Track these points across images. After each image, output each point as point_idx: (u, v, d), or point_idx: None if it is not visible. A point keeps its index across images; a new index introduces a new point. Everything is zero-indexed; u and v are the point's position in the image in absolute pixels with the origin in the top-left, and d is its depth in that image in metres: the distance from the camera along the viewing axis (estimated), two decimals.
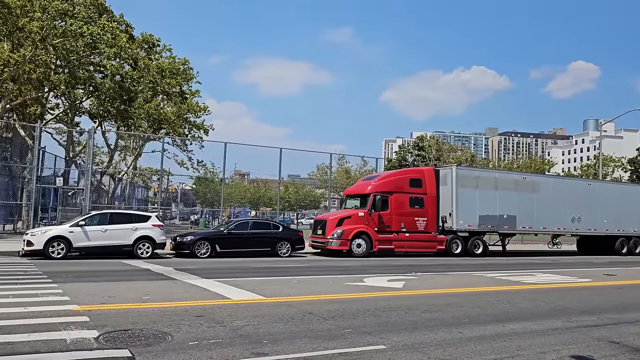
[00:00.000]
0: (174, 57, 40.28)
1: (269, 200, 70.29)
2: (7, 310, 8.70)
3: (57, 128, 39.64)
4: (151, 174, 56.17)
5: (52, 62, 30.90)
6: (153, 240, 19.48)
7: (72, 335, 7.30)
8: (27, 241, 17.92)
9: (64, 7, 28.12)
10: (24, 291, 10.76)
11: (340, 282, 14.11)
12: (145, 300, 10.20)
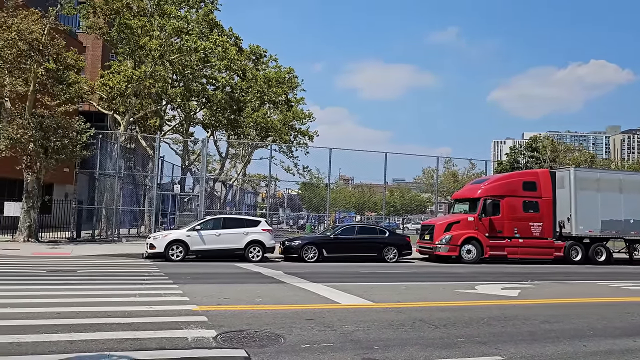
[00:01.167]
0: (280, 66, 41.50)
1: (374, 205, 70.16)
2: (135, 309, 9.34)
3: (173, 138, 42.26)
4: (259, 180, 58.20)
5: (169, 76, 33.03)
6: (263, 244, 20.10)
7: (192, 334, 7.67)
8: (150, 244, 19.22)
9: (180, 25, 29.97)
10: (148, 291, 11.51)
11: (450, 289, 13.69)
12: (258, 303, 10.50)
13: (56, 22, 24.93)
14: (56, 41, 23.74)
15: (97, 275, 14.04)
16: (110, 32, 30.91)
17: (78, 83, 25.90)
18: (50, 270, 14.66)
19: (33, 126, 22.67)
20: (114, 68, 29.86)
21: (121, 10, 29.66)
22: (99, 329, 7.76)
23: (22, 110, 23.34)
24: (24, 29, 22.15)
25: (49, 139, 23.05)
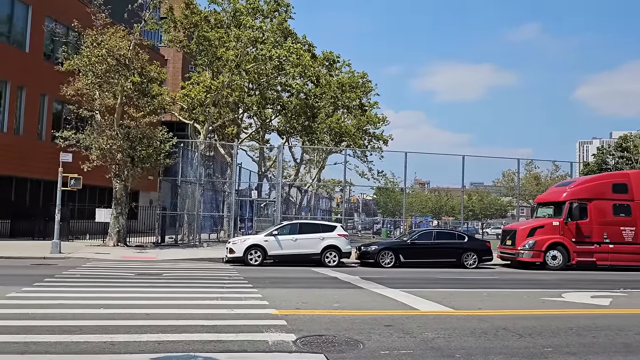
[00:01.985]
0: (353, 71, 41.59)
1: (451, 210, 68.65)
2: (217, 312, 9.61)
3: (250, 145, 43.32)
4: (334, 185, 58.48)
5: (245, 85, 33.95)
6: (339, 249, 20.15)
7: (272, 337, 7.78)
8: (230, 249, 19.76)
9: (255, 35, 30.77)
10: (229, 294, 11.82)
11: (535, 297, 13.11)
12: (336, 308, 10.51)
13: (140, 38, 26.26)
14: (141, 56, 25.01)
15: (181, 278, 14.58)
16: (189, 44, 32.19)
17: (161, 95, 27.12)
18: (138, 273, 15.38)
19: (121, 137, 23.97)
20: (194, 79, 31.05)
21: (200, 24, 30.83)
22: (185, 330, 8.04)
23: (111, 122, 24.73)
24: (113, 45, 23.50)
25: (135, 148, 24.27)
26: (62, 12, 31.39)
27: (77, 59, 24.03)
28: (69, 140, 24.06)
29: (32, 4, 30.07)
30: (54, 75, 27.07)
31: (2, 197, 28.75)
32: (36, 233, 27.23)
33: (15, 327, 7.84)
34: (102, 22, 24.61)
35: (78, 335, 7.48)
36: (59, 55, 29.39)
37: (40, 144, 30.77)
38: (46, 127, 31.65)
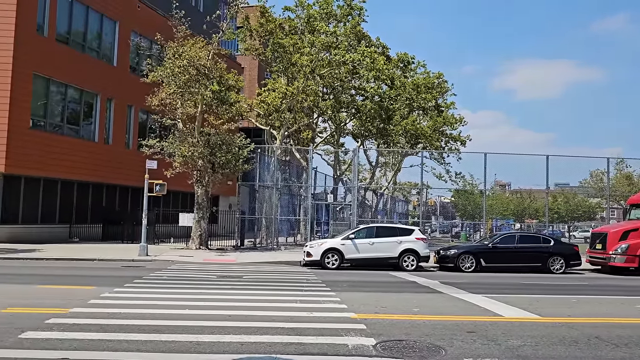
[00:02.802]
0: (428, 72, 40.96)
1: (535, 212, 65.87)
2: (297, 314, 9.71)
3: (325, 149, 43.61)
4: (410, 188, 57.72)
5: (320, 90, 34.25)
6: (417, 253, 19.82)
7: (352, 341, 7.75)
8: (307, 252, 19.95)
9: (329, 40, 31.00)
10: (308, 297, 11.91)
11: (630, 304, 12.29)
12: (416, 312, 10.33)
13: (219, 48, 27.14)
14: (219, 65, 25.84)
15: (261, 281, 14.87)
16: (265, 52, 32.92)
17: (239, 102, 27.88)
18: (219, 276, 15.84)
19: (201, 144, 24.85)
20: (270, 86, 31.69)
21: (274, 31, 31.46)
22: (266, 332, 8.17)
23: (192, 130, 25.70)
24: (193, 56, 24.44)
25: (215, 155, 25.07)
26: (146, 27, 33.04)
27: (161, 70, 25.17)
28: (153, 148, 25.21)
29: (119, 20, 31.86)
30: (139, 86, 28.50)
31: (94, 203, 30.60)
32: (125, 236, 28.74)
33: (110, 326, 8.28)
34: (183, 34, 25.63)
35: (166, 335, 7.78)
36: (144, 67, 30.93)
37: (127, 153, 32.50)
38: (133, 136, 33.40)
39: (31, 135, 25.88)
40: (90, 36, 30.50)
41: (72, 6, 28.91)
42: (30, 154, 25.58)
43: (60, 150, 27.40)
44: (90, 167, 29.41)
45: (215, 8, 28.99)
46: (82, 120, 30.12)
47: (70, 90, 28.95)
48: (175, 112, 26.00)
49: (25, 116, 25.65)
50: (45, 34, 26.99)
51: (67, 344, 7.13)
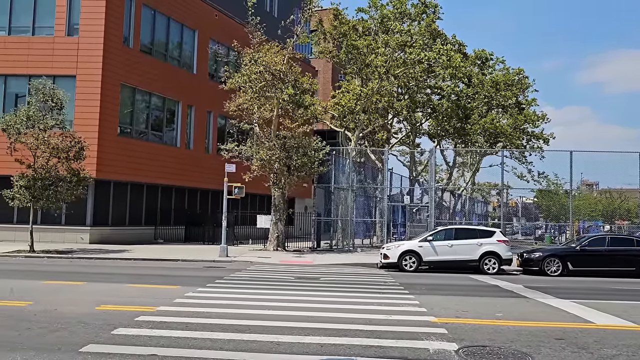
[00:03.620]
0: (508, 68, 39.56)
1: (627, 213, 61.96)
2: (375, 317, 9.61)
3: (400, 150, 43.17)
4: (489, 188, 55.96)
5: (394, 90, 33.91)
6: (499, 255, 19.13)
7: (433, 345, 7.56)
8: (384, 254, 19.76)
9: (403, 39, 30.64)
10: (386, 300, 11.77)
11: None
12: (499, 318, 9.95)
13: (293, 52, 27.51)
14: (294, 69, 26.18)
15: (338, 283, 14.87)
16: (338, 54, 33.00)
17: (313, 105, 28.12)
18: (297, 277, 16.01)
19: (278, 147, 25.26)
20: (344, 87, 31.74)
21: (348, 33, 31.47)
22: (345, 334, 8.14)
23: (269, 133, 26.18)
24: (269, 61, 24.91)
25: (291, 158, 25.41)
26: (223, 34, 34.07)
27: (238, 76, 25.83)
28: (232, 152, 25.90)
29: (198, 29, 33.05)
30: (218, 93, 29.39)
31: (177, 206, 31.88)
32: (206, 238, 29.72)
33: (194, 324, 8.55)
34: (259, 40, 26.18)
35: (247, 334, 7.93)
36: (222, 74, 31.89)
37: (207, 157, 33.64)
38: (212, 141, 34.53)
39: (119, 141, 27.35)
40: (171, 46, 31.84)
41: (155, 18, 30.30)
42: (118, 159, 27.03)
43: (145, 155, 28.77)
44: (173, 172, 30.67)
45: (289, 13, 29.36)
46: (165, 127, 31.49)
47: (154, 98, 30.35)
48: (252, 116, 26.60)
49: (113, 124, 27.14)
50: (130, 46, 28.44)
51: (155, 341, 7.42)
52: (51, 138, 21.26)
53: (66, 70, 26.39)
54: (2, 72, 26.91)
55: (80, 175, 21.94)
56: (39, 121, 21.29)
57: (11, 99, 26.96)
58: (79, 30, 26.74)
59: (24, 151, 21.17)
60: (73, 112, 25.65)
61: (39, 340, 7.30)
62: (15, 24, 27.45)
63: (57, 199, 21.51)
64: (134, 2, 28.53)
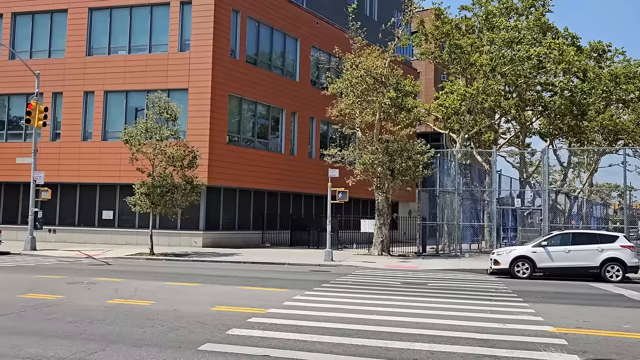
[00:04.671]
0: (629, 59, 36.58)
1: None
2: (487, 325, 9.20)
3: (509, 151, 41.33)
4: (610, 190, 52.00)
5: (501, 89, 32.55)
6: (623, 262, 17.64)
7: (553, 357, 7.11)
8: (494, 260, 18.94)
9: (510, 35, 29.35)
10: (498, 308, 11.26)
11: None
12: (626, 330, 9.15)
13: (394, 55, 27.29)
14: (395, 72, 25.95)
15: (446, 289, 14.46)
16: (441, 55, 32.29)
17: (416, 107, 27.69)
18: (403, 282, 15.78)
19: (380, 151, 25.13)
20: (447, 88, 30.97)
21: (451, 32, 30.70)
22: (456, 342, 7.87)
23: (371, 137, 26.13)
24: (370, 65, 24.88)
25: (394, 161, 25.18)
26: (325, 41, 34.58)
27: (339, 82, 26.05)
28: (335, 157, 26.14)
29: (300, 37, 33.80)
30: (320, 99, 29.88)
31: (283, 211, 32.73)
32: (311, 242, 30.21)
33: (303, 327, 8.67)
34: (359, 44, 26.24)
35: (356, 339, 7.90)
36: (323, 80, 32.33)
37: (310, 162, 34.23)
38: (315, 146, 35.10)
39: (227, 149, 28.59)
40: (274, 55, 32.83)
41: (259, 29, 31.41)
42: (227, 167, 28.26)
43: (252, 162, 29.84)
44: (278, 178, 31.54)
45: (389, 16, 29.20)
46: (270, 134, 32.48)
47: (259, 107, 31.43)
48: (354, 121, 26.70)
49: (222, 133, 28.43)
50: (237, 57, 29.68)
51: (267, 342, 7.61)
52: (167, 148, 22.70)
53: (179, 84, 28.07)
54: (123, 89, 29.16)
55: (194, 183, 23.18)
56: (156, 132, 22.80)
57: (131, 113, 29.10)
58: (190, 46, 28.34)
59: (143, 161, 22.77)
60: (186, 123, 27.19)
61: (161, 338, 7.75)
62: (134, 44, 29.64)
63: (173, 205, 22.87)
64: (240, 15, 29.76)
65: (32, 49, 31.04)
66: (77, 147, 29.27)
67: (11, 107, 31.36)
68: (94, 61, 29.67)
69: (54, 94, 29.95)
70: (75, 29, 30.06)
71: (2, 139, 31.13)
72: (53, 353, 6.83)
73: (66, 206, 29.64)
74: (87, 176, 28.90)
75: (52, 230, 28.87)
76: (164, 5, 28.91)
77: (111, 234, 28.55)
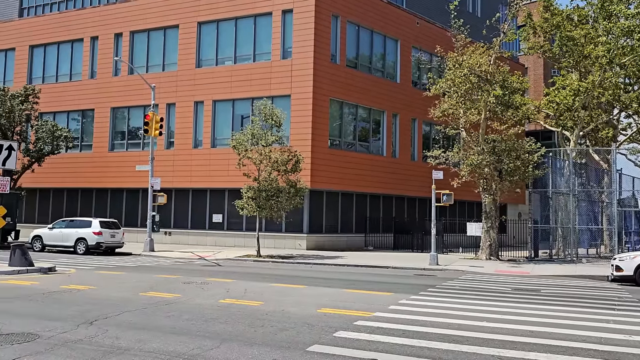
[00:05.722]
0: None
1: None
2: (611, 336, 8.52)
3: (630, 149, 38.18)
4: None
5: (620, 82, 30.15)
6: None
7: None
8: (616, 266, 17.51)
9: (630, 23, 27.07)
10: (621, 317, 10.39)
11: None
12: None
13: (500, 51, 26.18)
14: (501, 68, 24.89)
15: (562, 296, 13.59)
16: (551, 48, 30.50)
17: (525, 105, 26.38)
18: (514, 288, 15.04)
19: (487, 151, 24.20)
20: (559, 83, 29.20)
21: (561, 24, 28.88)
22: (575, 352, 7.38)
23: (476, 137, 25.25)
24: (474, 63, 24.06)
25: (502, 162, 24.15)
26: (426, 41, 34.00)
27: (442, 82, 25.44)
28: (438, 158, 25.56)
29: (400, 38, 33.48)
30: (421, 100, 29.43)
31: (385, 214, 32.51)
32: (415, 246, 29.74)
33: (410, 332, 8.51)
34: (462, 42, 25.49)
35: (466, 346, 7.62)
36: (425, 81, 31.77)
37: (413, 165, 33.75)
38: (417, 148, 34.59)
39: (329, 153, 28.92)
40: (374, 58, 32.76)
41: (359, 32, 31.51)
42: (329, 170, 28.58)
43: (353, 165, 29.96)
44: (380, 180, 31.40)
45: (494, 11, 28.14)
46: (371, 137, 32.43)
47: (360, 110, 31.51)
48: (458, 121, 25.97)
49: (324, 137, 28.80)
50: (337, 62, 29.96)
51: (374, 346, 7.54)
52: (272, 153, 23.39)
53: (282, 91, 28.85)
54: (230, 97, 30.47)
55: (297, 186, 23.68)
56: (261, 138, 23.57)
57: (237, 120, 30.34)
58: (292, 53, 29.04)
59: (250, 166, 23.63)
60: (289, 128, 27.86)
61: (271, 338, 7.95)
62: (239, 54, 30.92)
63: (278, 209, 23.49)
64: (339, 20, 30.04)
65: (148, 64, 33.35)
66: (188, 154, 31.01)
67: (130, 118, 33.87)
68: (203, 72, 31.29)
69: (168, 105, 31.95)
70: (185, 43, 31.91)
71: (124, 148, 33.70)
72: (173, 348, 7.22)
73: (180, 210, 31.45)
74: (198, 181, 30.50)
75: (167, 233, 30.77)
76: (267, 15, 29.88)
77: (220, 236, 29.90)
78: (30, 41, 37.00)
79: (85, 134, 35.09)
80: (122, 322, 8.88)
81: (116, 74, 34.12)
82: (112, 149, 33.85)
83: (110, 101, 33.81)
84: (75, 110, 35.31)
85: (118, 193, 33.35)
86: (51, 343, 7.38)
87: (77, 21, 35.52)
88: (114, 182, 32.85)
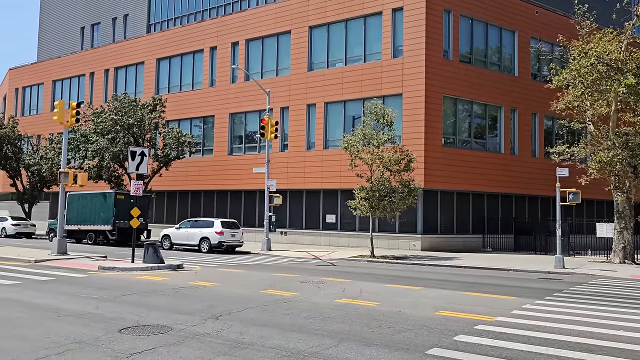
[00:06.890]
0: None
1: None
2: None
3: None
4: None
5: None
6: None
7: None
8: None
9: None
10: None
11: None
12: None
13: (633, 36, 24.01)
14: (634, 55, 22.82)
15: None
16: None
17: None
18: None
19: (619, 146, 22.30)
20: None
21: None
22: None
23: (606, 131, 23.37)
24: (601, 51, 22.29)
25: (636, 157, 22.14)
26: (546, 30, 32.03)
27: (565, 72, 23.81)
28: (563, 154, 24.01)
29: (517, 29, 31.84)
30: (542, 93, 27.78)
31: (504, 214, 31.04)
32: (537, 247, 28.10)
33: (536, 338, 8.01)
34: (588, 29, 23.73)
35: (600, 356, 7.05)
36: (546, 73, 29.91)
37: (534, 161, 31.93)
38: (539, 144, 32.67)
39: (443, 152, 28.18)
40: (490, 51, 31.44)
41: (472, 26, 30.42)
42: (443, 169, 27.85)
43: (469, 164, 28.95)
44: (498, 179, 30.06)
45: None
46: (488, 133, 31.13)
47: (475, 106, 30.39)
48: (584, 114, 24.24)
49: (437, 135, 28.13)
50: (450, 58, 29.14)
51: (497, 352, 7.19)
52: (383, 153, 23.24)
53: (393, 90, 28.59)
54: (341, 99, 30.76)
55: (411, 186, 23.33)
56: (373, 138, 23.52)
57: (349, 121, 30.53)
58: (403, 51, 28.69)
59: (362, 166, 23.66)
60: (401, 128, 27.55)
61: (388, 339, 7.85)
62: (349, 55, 31.12)
63: (392, 209, 23.28)
64: (452, 15, 29.20)
65: (263, 70, 34.60)
66: (302, 156, 31.74)
67: (247, 123, 35.35)
68: (315, 75, 31.89)
69: (282, 108, 32.93)
70: (297, 47, 32.71)
71: (241, 152, 35.25)
72: (293, 345, 7.37)
73: (294, 210, 32.27)
74: (312, 183, 31.11)
75: (283, 233, 31.71)
76: (377, 15, 29.80)
77: (334, 236, 30.26)
78: (157, 54, 39.89)
79: (207, 139, 37.15)
80: (244, 318, 9.24)
81: (233, 81, 35.77)
82: (231, 153, 35.52)
83: (229, 107, 35.52)
84: (197, 117, 37.52)
85: (237, 194, 34.94)
86: (182, 335, 7.84)
87: (197, 33, 37.74)
88: (233, 184, 34.46)
